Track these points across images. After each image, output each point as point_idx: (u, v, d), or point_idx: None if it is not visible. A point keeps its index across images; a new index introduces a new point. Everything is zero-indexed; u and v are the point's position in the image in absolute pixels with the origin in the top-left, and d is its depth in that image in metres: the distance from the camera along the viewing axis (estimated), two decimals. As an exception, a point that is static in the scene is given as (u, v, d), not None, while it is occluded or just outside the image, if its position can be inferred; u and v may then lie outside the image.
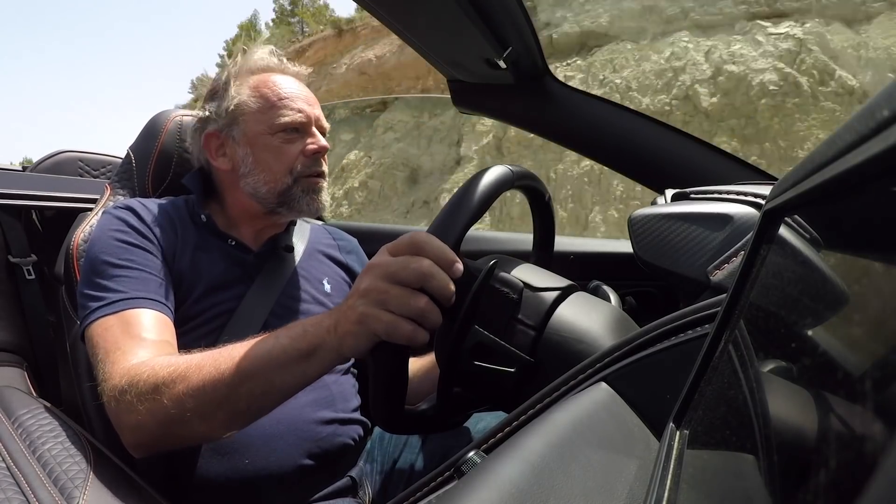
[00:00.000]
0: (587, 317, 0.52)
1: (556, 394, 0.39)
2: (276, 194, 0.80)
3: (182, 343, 0.69)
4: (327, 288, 0.88)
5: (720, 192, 0.63)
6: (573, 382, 0.39)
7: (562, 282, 0.56)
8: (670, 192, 0.70)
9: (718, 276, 0.56)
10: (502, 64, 0.88)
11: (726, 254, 0.57)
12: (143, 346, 0.64)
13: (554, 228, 0.72)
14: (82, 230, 0.85)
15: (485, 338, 0.50)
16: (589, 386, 0.38)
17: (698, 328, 0.37)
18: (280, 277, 0.83)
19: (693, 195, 0.66)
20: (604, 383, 0.38)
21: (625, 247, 1.08)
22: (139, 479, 0.64)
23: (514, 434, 0.38)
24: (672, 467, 0.26)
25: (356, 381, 0.86)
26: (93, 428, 0.79)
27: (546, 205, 0.68)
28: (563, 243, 1.08)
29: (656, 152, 0.93)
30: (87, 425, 0.80)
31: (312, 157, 0.81)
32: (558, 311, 0.52)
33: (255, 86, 0.81)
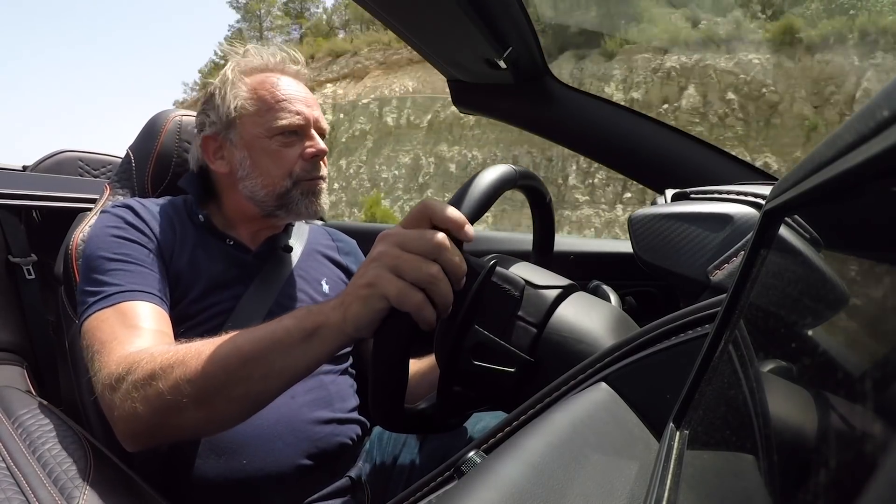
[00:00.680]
0: (587, 317, 0.52)
1: (556, 394, 0.39)
2: (274, 197, 0.79)
3: None
4: (325, 288, 0.88)
5: (720, 192, 0.63)
6: (573, 382, 0.39)
7: (562, 281, 0.56)
8: (670, 192, 0.70)
9: (718, 276, 0.56)
10: (502, 64, 0.88)
11: (726, 254, 0.57)
12: (140, 335, 0.63)
13: (554, 229, 0.72)
14: (82, 230, 0.85)
15: (485, 337, 0.50)
16: (589, 386, 0.38)
17: (698, 328, 0.37)
18: (278, 278, 0.82)
19: (693, 195, 0.66)
20: (604, 383, 0.38)
21: (625, 247, 1.08)
22: (139, 479, 0.64)
23: (514, 434, 0.38)
24: (672, 467, 0.26)
25: (354, 382, 0.86)
26: (93, 428, 0.79)
27: (546, 205, 0.68)
28: (563, 243, 1.08)
29: (656, 152, 0.93)
30: (86, 425, 0.80)
31: (311, 161, 0.80)
32: (558, 310, 0.52)
33: (253, 87, 0.80)
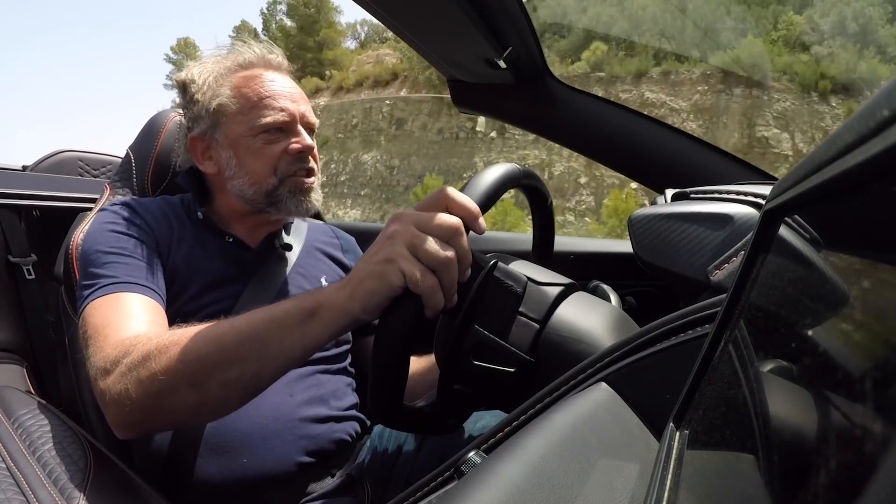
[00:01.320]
0: (587, 317, 0.52)
1: (556, 394, 0.39)
2: (262, 195, 0.79)
3: None
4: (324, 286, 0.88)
5: (720, 192, 0.63)
6: (573, 382, 0.39)
7: (564, 279, 0.56)
8: (670, 192, 0.70)
9: (718, 276, 0.56)
10: (502, 64, 0.88)
11: (726, 254, 0.57)
12: (135, 323, 0.63)
13: (554, 229, 0.72)
14: (81, 230, 0.85)
15: (485, 337, 0.50)
16: (589, 386, 0.38)
17: (698, 328, 0.37)
18: (277, 275, 0.82)
19: (693, 195, 0.66)
20: (604, 383, 0.38)
21: (625, 247, 1.08)
22: (139, 479, 0.64)
23: (514, 434, 0.38)
24: (672, 467, 0.26)
25: (352, 380, 0.86)
26: (93, 428, 0.79)
27: (547, 206, 0.68)
28: (563, 243, 1.08)
29: (656, 152, 0.93)
30: (86, 425, 0.80)
31: (296, 157, 0.79)
32: (559, 310, 0.52)
33: (236, 85, 0.79)
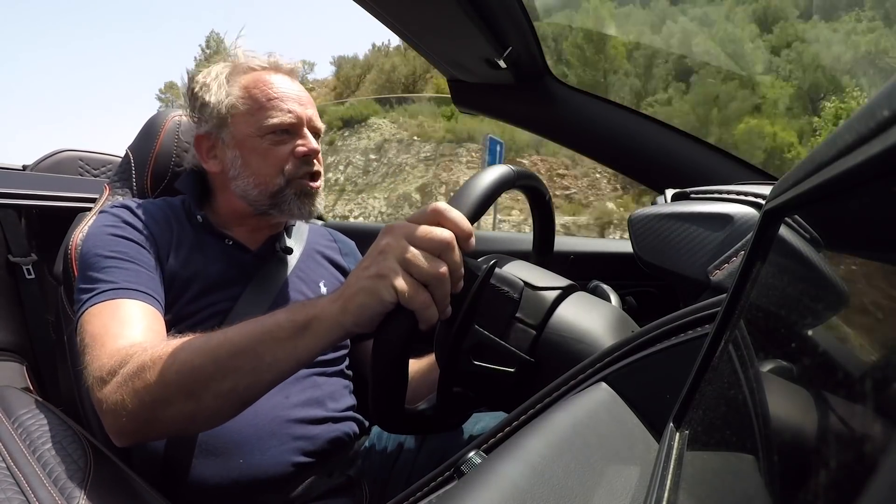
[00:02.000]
0: (587, 317, 0.52)
1: (556, 394, 0.39)
2: (267, 196, 0.79)
3: None
4: (323, 290, 0.88)
5: (720, 192, 0.63)
6: (573, 382, 0.39)
7: (562, 281, 0.56)
8: (670, 192, 0.70)
9: (718, 276, 0.56)
10: (502, 64, 0.88)
11: (726, 254, 0.57)
12: (132, 331, 0.63)
13: (554, 229, 0.72)
14: (81, 230, 0.85)
15: (485, 338, 0.50)
16: (589, 386, 0.38)
17: (698, 328, 0.37)
18: (276, 279, 0.82)
19: (693, 195, 0.66)
20: (604, 383, 0.38)
21: (625, 247, 1.08)
22: (139, 478, 0.64)
23: (514, 434, 0.38)
24: (672, 468, 0.26)
25: (350, 382, 0.86)
26: (93, 428, 0.79)
27: (546, 205, 0.68)
28: (563, 243, 1.08)
29: (656, 152, 0.93)
30: (86, 425, 0.80)
31: (302, 160, 0.79)
32: (558, 310, 0.52)
33: (245, 86, 0.79)
